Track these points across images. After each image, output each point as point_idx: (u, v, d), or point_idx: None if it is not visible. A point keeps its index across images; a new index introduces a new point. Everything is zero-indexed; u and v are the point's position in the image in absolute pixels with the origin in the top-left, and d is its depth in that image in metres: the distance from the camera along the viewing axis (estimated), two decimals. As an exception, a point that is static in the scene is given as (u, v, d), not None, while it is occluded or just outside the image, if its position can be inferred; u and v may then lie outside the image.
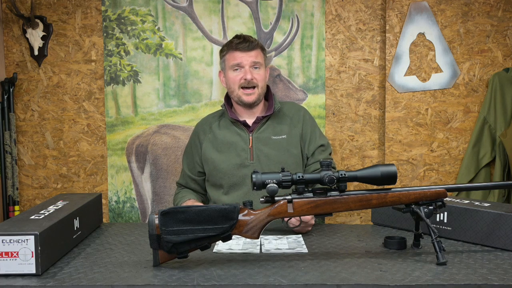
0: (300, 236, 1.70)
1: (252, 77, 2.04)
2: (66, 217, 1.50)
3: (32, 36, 2.55)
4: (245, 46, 2.06)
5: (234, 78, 2.07)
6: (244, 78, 2.04)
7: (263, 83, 2.09)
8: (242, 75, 2.05)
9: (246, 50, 2.06)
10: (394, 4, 2.48)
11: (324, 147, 2.11)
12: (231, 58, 2.08)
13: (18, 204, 2.55)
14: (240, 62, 2.06)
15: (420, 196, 1.44)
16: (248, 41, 2.07)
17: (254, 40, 2.10)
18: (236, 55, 2.06)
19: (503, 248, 1.51)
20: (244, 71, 2.05)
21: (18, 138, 2.61)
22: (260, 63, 2.08)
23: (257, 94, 2.07)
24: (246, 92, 2.06)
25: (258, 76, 2.06)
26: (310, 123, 2.13)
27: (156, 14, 2.55)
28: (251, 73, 2.05)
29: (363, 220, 2.61)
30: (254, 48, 2.08)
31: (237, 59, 2.06)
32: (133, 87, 2.58)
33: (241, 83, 2.05)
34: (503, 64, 2.49)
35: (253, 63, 2.06)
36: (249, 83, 2.04)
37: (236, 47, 2.07)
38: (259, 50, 2.10)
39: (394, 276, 1.28)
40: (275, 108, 2.09)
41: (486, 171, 2.49)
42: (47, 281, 1.27)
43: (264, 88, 2.11)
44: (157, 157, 2.60)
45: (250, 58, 2.06)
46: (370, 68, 2.55)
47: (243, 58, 2.06)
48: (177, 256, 1.38)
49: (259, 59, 2.08)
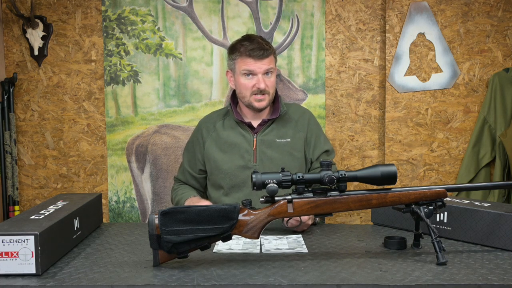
0: (300, 236, 1.70)
1: (265, 85, 1.99)
2: (66, 217, 1.50)
3: (32, 36, 2.55)
4: (259, 54, 1.98)
5: (246, 84, 2.01)
6: (257, 87, 1.98)
7: (274, 88, 2.05)
8: (255, 82, 1.99)
9: (260, 58, 1.99)
10: (394, 4, 2.48)
11: (329, 152, 2.11)
12: (242, 63, 2.00)
13: (18, 204, 2.55)
14: (253, 70, 1.99)
15: (420, 196, 1.44)
16: (263, 49, 1.99)
17: (268, 48, 2.01)
18: (249, 62, 1.99)
19: (503, 248, 1.51)
20: (257, 80, 1.98)
21: (18, 138, 2.61)
22: (272, 69, 2.02)
23: (268, 100, 2.03)
24: (258, 98, 2.00)
25: (270, 83, 2.01)
26: (315, 128, 2.12)
27: (156, 14, 2.55)
28: (264, 81, 1.99)
29: (363, 220, 2.61)
30: (268, 56, 2.00)
31: (250, 66, 1.99)
32: (133, 87, 2.58)
33: (254, 90, 2.00)
34: (503, 64, 2.49)
35: (266, 71, 2.00)
36: (261, 91, 2.00)
37: (250, 54, 1.98)
38: (272, 57, 2.03)
39: (394, 276, 1.28)
40: (281, 112, 2.07)
41: (486, 171, 2.49)
42: (47, 281, 1.27)
43: (273, 93, 2.06)
44: (157, 157, 2.60)
45: (264, 66, 1.99)
46: (370, 68, 2.56)
47: (256, 66, 1.98)
48: (177, 256, 1.38)
49: (272, 65, 2.02)
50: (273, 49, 2.05)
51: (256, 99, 2.01)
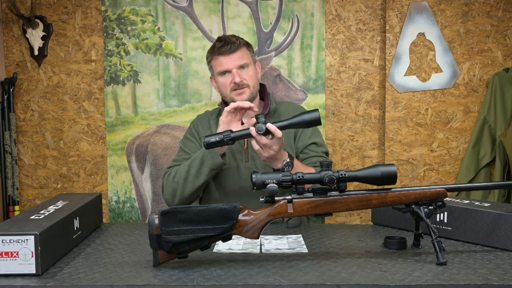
0: (300, 236, 1.70)
1: (241, 78, 1.99)
2: (66, 217, 1.50)
3: (32, 36, 2.55)
4: (227, 49, 2.00)
5: (224, 83, 2.03)
6: (233, 82, 2.00)
7: (255, 80, 2.05)
8: (231, 79, 2.00)
9: (229, 53, 2.00)
10: (394, 4, 2.48)
11: (317, 145, 2.06)
12: (216, 64, 2.04)
13: (18, 204, 2.55)
14: (227, 68, 2.01)
15: (420, 196, 1.44)
16: (230, 43, 2.01)
17: (235, 41, 2.03)
18: (221, 60, 2.02)
19: (503, 248, 1.51)
20: (232, 75, 2.00)
21: (18, 138, 2.61)
22: (246, 63, 2.03)
23: (249, 93, 2.02)
24: (237, 92, 2.01)
25: (247, 76, 2.02)
26: None
27: (156, 14, 2.55)
28: (239, 75, 2.00)
29: (363, 220, 2.61)
30: (237, 49, 2.02)
31: (222, 65, 2.02)
32: (133, 87, 2.58)
33: (232, 86, 2.01)
34: (503, 64, 2.49)
35: (239, 66, 2.01)
36: (239, 85, 2.00)
37: (219, 51, 2.01)
38: (244, 49, 2.04)
39: (394, 276, 1.28)
40: (271, 108, 2.08)
41: (486, 171, 2.49)
42: (47, 281, 1.27)
43: (256, 86, 2.06)
44: (157, 157, 2.60)
45: (235, 62, 2.01)
46: (370, 68, 2.56)
47: (228, 62, 2.01)
48: (177, 256, 1.38)
49: (245, 59, 2.03)
50: (243, 42, 2.06)
51: (236, 93, 2.02)
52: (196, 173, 1.89)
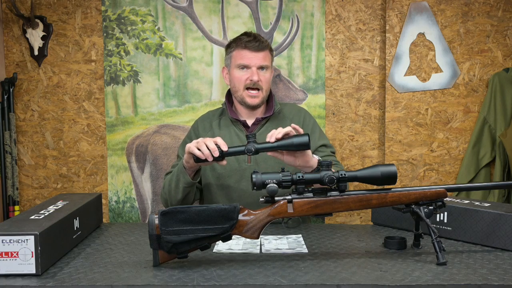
0: (300, 236, 1.70)
1: (259, 78, 1.98)
2: (66, 217, 1.50)
3: (32, 36, 2.55)
4: (254, 45, 1.99)
5: (240, 77, 2.01)
6: (250, 79, 1.98)
7: (268, 85, 2.04)
8: (249, 75, 1.99)
9: (255, 50, 1.99)
10: (394, 4, 2.48)
11: (326, 147, 2.07)
12: (238, 56, 2.01)
13: (18, 204, 2.55)
14: (247, 64, 2.00)
15: (420, 196, 1.44)
16: (259, 41, 2.00)
17: (264, 41, 2.03)
18: (244, 54, 2.00)
19: (503, 248, 1.51)
20: (251, 72, 1.99)
21: (18, 138, 2.61)
22: (267, 66, 2.02)
23: (261, 98, 2.02)
24: (251, 94, 2.00)
25: (264, 78, 2.01)
26: (310, 125, 2.09)
27: (156, 14, 2.55)
28: (258, 74, 1.99)
29: (363, 220, 2.61)
30: (263, 49, 2.01)
31: (244, 59, 2.00)
32: (133, 87, 2.58)
33: (247, 83, 1.99)
34: (503, 64, 2.49)
35: (260, 65, 2.00)
36: (254, 84, 1.99)
37: (245, 45, 2.00)
38: (268, 52, 2.04)
39: (394, 276, 1.28)
40: (275, 110, 2.07)
41: (486, 171, 2.49)
42: (47, 281, 1.27)
43: (268, 91, 2.06)
44: (157, 157, 2.60)
45: (258, 60, 2.00)
46: (370, 68, 2.56)
47: (251, 58, 1.99)
48: (177, 256, 1.38)
49: (267, 61, 2.02)
50: (269, 45, 2.06)
51: (249, 95, 2.00)
52: (175, 188, 1.89)
